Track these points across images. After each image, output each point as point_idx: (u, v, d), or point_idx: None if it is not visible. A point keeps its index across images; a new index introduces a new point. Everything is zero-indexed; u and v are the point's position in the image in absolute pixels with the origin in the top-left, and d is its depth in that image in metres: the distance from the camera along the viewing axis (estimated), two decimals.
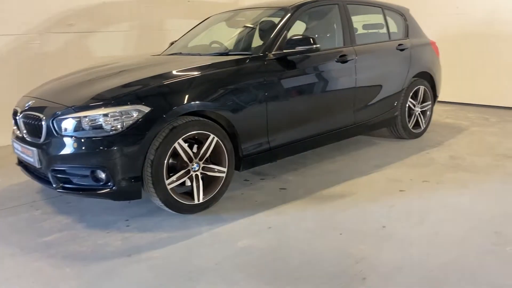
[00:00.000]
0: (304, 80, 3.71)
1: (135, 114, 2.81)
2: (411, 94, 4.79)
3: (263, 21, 4.01)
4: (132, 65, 3.69)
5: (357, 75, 4.12)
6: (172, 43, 4.75)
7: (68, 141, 2.84)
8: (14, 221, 3.14)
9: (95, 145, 2.79)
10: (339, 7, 4.22)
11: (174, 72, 3.18)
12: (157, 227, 2.97)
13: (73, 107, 2.87)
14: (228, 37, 4.26)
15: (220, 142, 3.16)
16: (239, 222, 2.99)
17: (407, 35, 4.89)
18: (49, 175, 2.96)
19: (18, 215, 3.24)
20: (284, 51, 3.54)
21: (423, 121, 5.04)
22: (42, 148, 2.95)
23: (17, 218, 3.20)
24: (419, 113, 4.96)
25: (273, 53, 3.53)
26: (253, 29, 4.08)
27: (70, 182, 2.95)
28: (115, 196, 2.87)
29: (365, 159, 4.30)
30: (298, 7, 3.87)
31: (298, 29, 4.13)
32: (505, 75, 6.40)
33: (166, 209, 3.03)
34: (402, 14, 4.96)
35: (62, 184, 2.95)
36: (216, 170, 3.19)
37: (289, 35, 3.64)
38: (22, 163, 3.46)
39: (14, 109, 3.36)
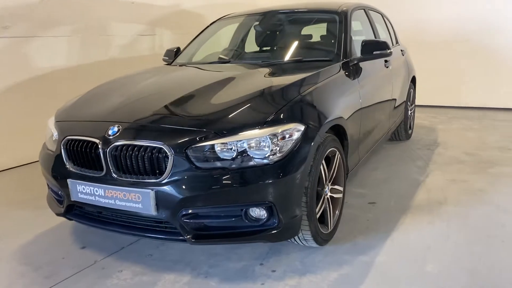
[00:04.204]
0: (374, 84, 3.54)
1: (294, 135, 2.28)
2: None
3: (317, 25, 3.71)
4: (209, 77, 3.09)
5: (393, 79, 4.11)
6: (176, 51, 4.03)
7: (213, 174, 2.16)
8: None
9: (254, 176, 2.18)
10: (365, 12, 4.16)
11: (295, 83, 2.68)
12: (311, 266, 2.46)
13: (216, 131, 2.20)
14: (274, 42, 3.81)
15: (342, 158, 2.80)
16: (388, 246, 2.67)
17: (397, 40, 5.08)
18: (178, 223, 2.22)
19: (107, 281, 2.36)
20: (362, 55, 3.32)
21: (412, 122, 5.30)
22: (163, 188, 2.19)
23: (120, 286, 2.33)
24: (410, 115, 5.19)
25: (352, 57, 3.28)
26: (308, 33, 3.73)
27: (205, 229, 2.27)
28: (278, 236, 2.27)
29: (398, 163, 4.31)
30: (347, 11, 3.65)
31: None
32: (433, 77, 7.14)
33: (311, 243, 2.54)
34: (387, 19, 5.11)
35: (195, 232, 2.24)
36: (338, 190, 2.81)
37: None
38: (77, 212, 2.56)
39: (78, 139, 2.41)
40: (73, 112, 2.72)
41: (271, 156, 2.20)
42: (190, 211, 2.20)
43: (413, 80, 5.21)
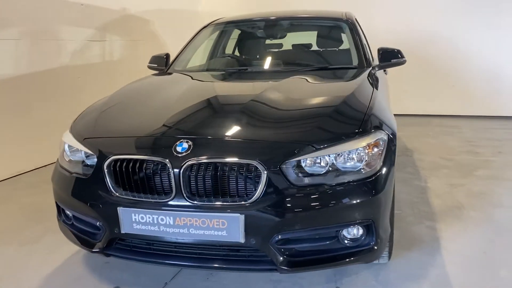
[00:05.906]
0: (387, 90, 3.53)
1: (380, 145, 2.13)
2: None
3: (324, 32, 3.60)
4: (257, 86, 2.83)
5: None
6: (166, 58, 3.61)
7: (312, 192, 1.92)
8: None
9: (354, 192, 1.97)
10: (356, 21, 4.16)
11: (358, 91, 2.53)
12: (390, 284, 2.32)
13: (312, 144, 1.96)
14: (286, 48, 3.61)
15: None
16: (447, 256, 2.62)
17: None
18: (270, 250, 1.93)
19: None
20: (381, 63, 3.29)
21: None
22: (254, 211, 1.89)
23: None
24: None
25: (374, 65, 3.25)
26: (318, 39, 3.60)
27: (296, 255, 2.00)
28: (373, 256, 2.08)
29: None
30: (352, 18, 3.63)
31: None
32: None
33: (384, 259, 2.40)
34: None
35: (288, 258, 1.97)
36: None
37: None
38: (120, 246, 2.13)
39: (132, 159, 1.99)
40: (107, 126, 2.26)
41: (363, 169, 2.02)
42: (283, 235, 1.93)
43: None
